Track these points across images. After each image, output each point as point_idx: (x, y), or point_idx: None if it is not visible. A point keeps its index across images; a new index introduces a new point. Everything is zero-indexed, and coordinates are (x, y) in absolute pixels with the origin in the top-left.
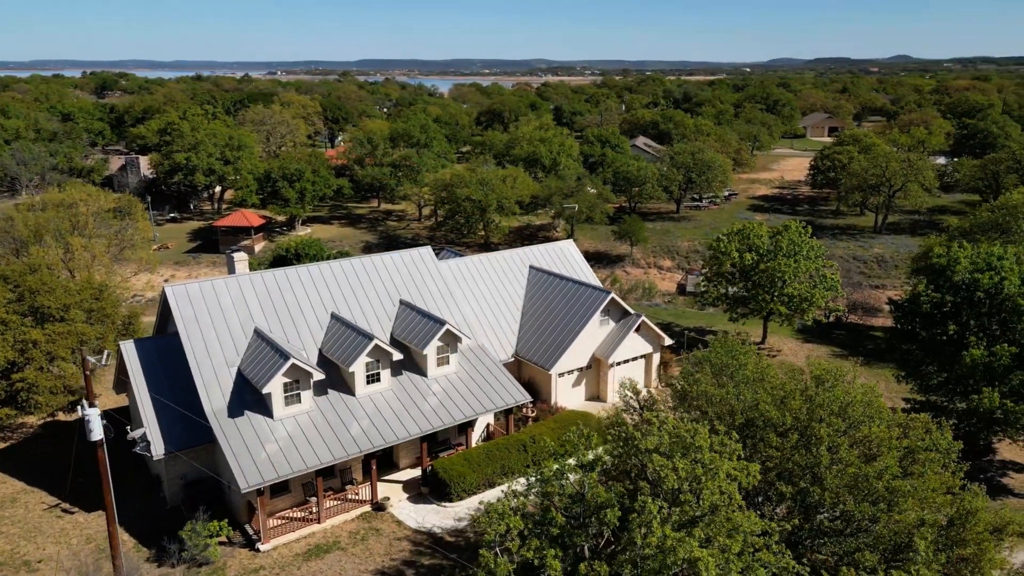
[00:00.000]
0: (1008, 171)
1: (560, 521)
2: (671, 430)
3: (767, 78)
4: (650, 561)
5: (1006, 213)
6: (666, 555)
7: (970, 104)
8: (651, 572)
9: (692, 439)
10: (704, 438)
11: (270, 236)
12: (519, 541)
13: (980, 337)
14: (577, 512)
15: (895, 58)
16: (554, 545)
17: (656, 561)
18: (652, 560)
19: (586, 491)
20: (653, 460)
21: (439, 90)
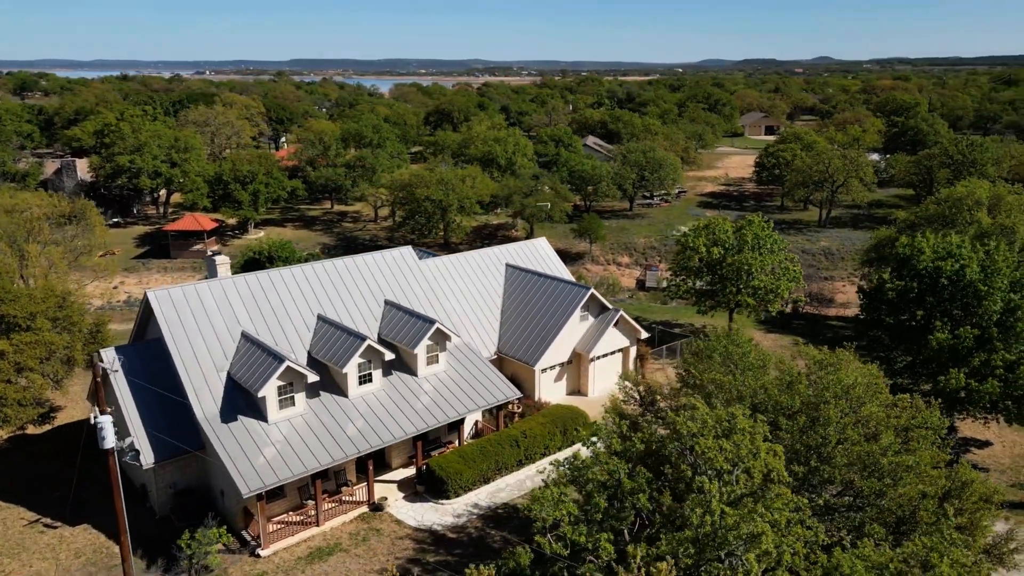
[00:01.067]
0: (940, 166)
1: (603, 506)
2: (711, 414)
3: (702, 79)
4: (713, 538)
5: (951, 205)
6: (727, 532)
7: (898, 103)
8: (713, 549)
9: (732, 422)
10: (745, 421)
11: (223, 240)
12: (572, 527)
13: (945, 322)
14: (607, 497)
15: (818, 59)
16: (602, 529)
17: (719, 537)
18: (715, 537)
19: (620, 477)
20: (700, 443)
21: (379, 90)
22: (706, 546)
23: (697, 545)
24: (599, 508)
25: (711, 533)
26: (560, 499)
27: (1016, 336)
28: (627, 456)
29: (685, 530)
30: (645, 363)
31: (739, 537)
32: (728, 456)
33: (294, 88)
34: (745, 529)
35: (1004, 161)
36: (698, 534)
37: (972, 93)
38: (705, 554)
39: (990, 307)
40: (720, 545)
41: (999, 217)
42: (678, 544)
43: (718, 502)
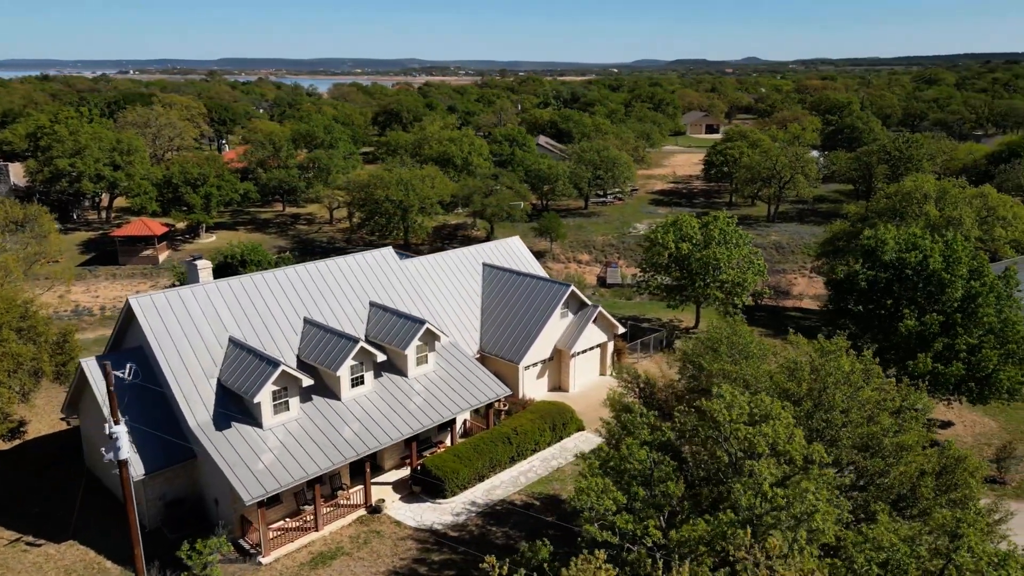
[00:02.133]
0: (879, 162)
1: (643, 495)
2: (748, 402)
3: (639, 79)
4: (766, 518)
5: (901, 199)
6: (779, 511)
7: (831, 102)
8: (765, 529)
9: (769, 408)
10: (778, 408)
11: (173, 245)
12: (621, 515)
13: (912, 309)
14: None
15: (746, 59)
16: (643, 517)
17: (771, 518)
18: (767, 517)
19: (653, 468)
20: (741, 429)
21: (318, 90)
22: (758, 527)
23: (749, 526)
24: (638, 497)
25: (762, 514)
26: (605, 489)
27: (976, 321)
28: (655, 445)
29: (726, 512)
30: (622, 357)
31: (792, 516)
32: (769, 441)
33: (229, 88)
34: (798, 508)
35: (937, 156)
36: (751, 515)
37: (897, 92)
38: (758, 535)
39: (952, 294)
40: (773, 525)
41: (946, 210)
42: (726, 527)
43: (768, 484)
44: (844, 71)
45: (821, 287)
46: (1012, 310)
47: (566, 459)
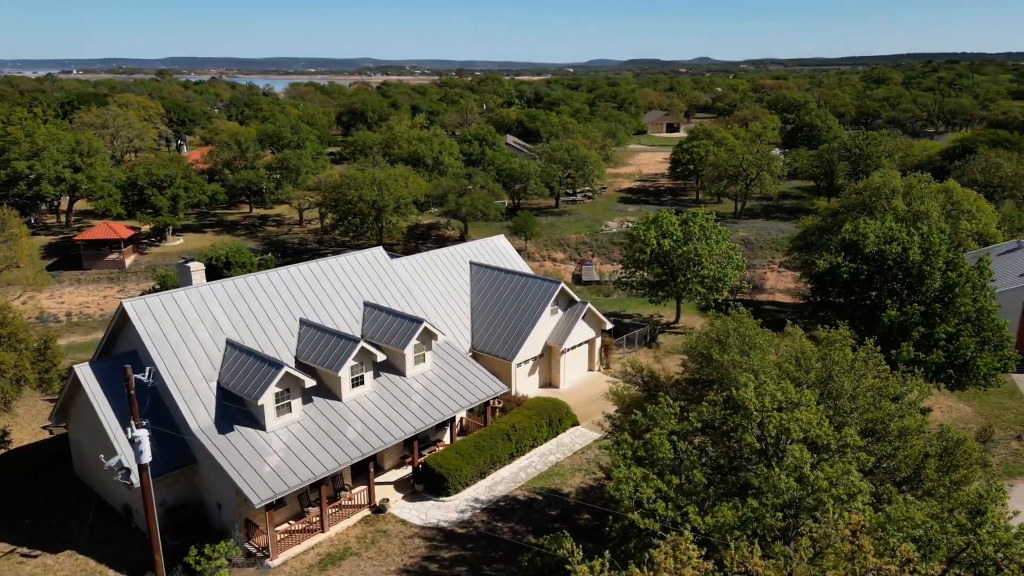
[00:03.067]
0: (840, 159)
1: (675, 483)
2: (777, 389)
3: (597, 79)
4: (807, 500)
5: (871, 194)
6: (822, 493)
7: (788, 101)
8: (808, 512)
9: (799, 396)
10: (808, 397)
11: (140, 249)
12: (662, 503)
13: (893, 300)
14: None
15: (698, 59)
16: (677, 505)
17: (813, 499)
18: (808, 500)
19: (683, 456)
20: (774, 416)
21: (274, 89)
22: (801, 509)
23: (791, 509)
24: (672, 485)
25: (804, 496)
26: (645, 478)
27: (954, 311)
28: (682, 435)
29: (761, 496)
30: (609, 353)
31: (835, 497)
32: (802, 426)
33: (182, 88)
34: (841, 490)
35: (895, 154)
36: (793, 498)
37: (848, 91)
38: (800, 517)
39: (931, 285)
40: (815, 507)
41: (913, 204)
42: (765, 511)
43: (809, 468)
44: (793, 71)
45: (791, 282)
46: (986, 299)
47: (564, 454)
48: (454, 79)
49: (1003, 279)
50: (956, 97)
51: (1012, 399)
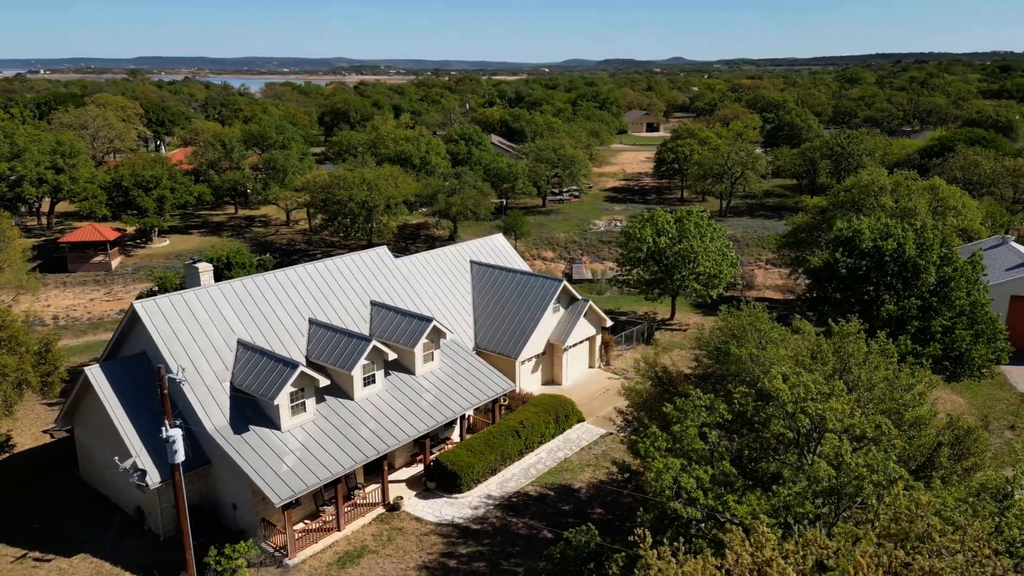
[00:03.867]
0: (822, 157)
1: (710, 473)
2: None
3: (575, 78)
4: (848, 487)
5: (860, 191)
6: (862, 480)
7: (767, 100)
8: (849, 498)
9: (831, 386)
10: (840, 387)
11: (126, 251)
12: (702, 492)
13: (891, 294)
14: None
15: (672, 59)
16: (718, 495)
17: (853, 486)
18: (849, 487)
19: (714, 448)
20: (810, 406)
21: (250, 89)
22: (842, 496)
23: (831, 496)
24: (707, 475)
25: (845, 483)
26: (686, 468)
27: (950, 304)
28: (713, 426)
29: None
30: (609, 350)
31: (875, 483)
32: (838, 416)
33: (156, 88)
34: (881, 476)
35: (876, 152)
36: (836, 484)
37: (823, 91)
38: (841, 503)
39: (927, 279)
40: (855, 493)
41: (901, 201)
42: (804, 498)
43: (850, 455)
44: (766, 70)
45: (778, 278)
46: (979, 293)
47: (571, 450)
48: (432, 79)
49: (990, 273)
50: (930, 96)
51: (1003, 390)
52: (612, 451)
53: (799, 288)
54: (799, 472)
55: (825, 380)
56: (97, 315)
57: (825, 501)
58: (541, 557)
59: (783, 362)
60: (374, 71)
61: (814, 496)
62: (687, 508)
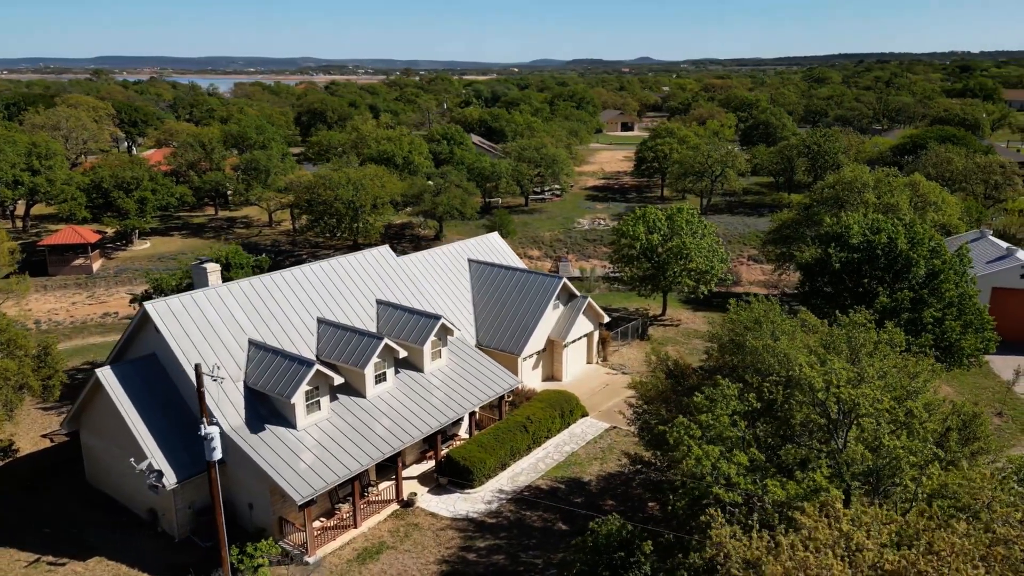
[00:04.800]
0: (799, 155)
1: (745, 460)
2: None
3: (545, 78)
4: (886, 469)
5: (843, 188)
6: (899, 461)
7: (740, 99)
8: (887, 478)
9: (860, 373)
10: (871, 373)
11: (106, 253)
12: (742, 477)
13: (884, 287)
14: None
15: (640, 59)
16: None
17: (892, 467)
18: (886, 468)
19: (744, 435)
20: (843, 391)
21: (219, 89)
22: (883, 477)
23: (870, 476)
24: (747, 460)
25: (884, 465)
26: (725, 455)
27: (940, 296)
28: (743, 414)
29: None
30: (606, 346)
31: (913, 464)
32: (869, 400)
33: (122, 88)
34: (919, 458)
35: (850, 150)
36: (875, 465)
37: (792, 90)
38: (881, 484)
39: (917, 272)
40: (891, 475)
41: (883, 197)
42: (842, 480)
43: (889, 438)
44: (732, 70)
45: (760, 274)
46: (967, 285)
47: (578, 444)
48: (404, 79)
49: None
50: (897, 95)
51: (988, 379)
52: (617, 444)
53: (784, 283)
54: (831, 456)
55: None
56: (80, 319)
57: (862, 483)
58: (569, 546)
59: (798, 352)
60: (342, 71)
61: (852, 477)
62: (729, 492)
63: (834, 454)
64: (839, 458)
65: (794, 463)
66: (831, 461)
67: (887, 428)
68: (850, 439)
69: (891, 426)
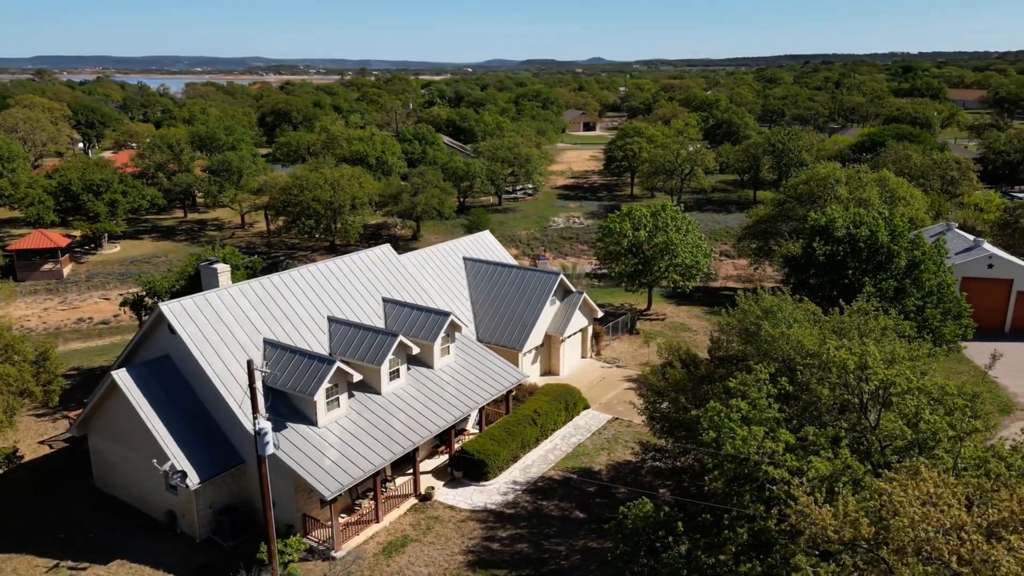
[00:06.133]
0: (764, 153)
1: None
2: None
3: (503, 78)
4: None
5: (817, 184)
6: (938, 434)
7: (701, 99)
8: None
9: (893, 354)
10: (903, 354)
11: (75, 258)
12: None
13: (870, 278)
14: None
15: (592, 60)
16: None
17: (933, 439)
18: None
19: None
20: (879, 372)
21: (169, 90)
22: (923, 449)
23: (911, 450)
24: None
25: (926, 438)
26: (770, 434)
27: (920, 285)
28: (777, 397)
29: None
30: (600, 340)
31: (952, 437)
32: (905, 379)
33: (68, 89)
34: (957, 431)
35: (812, 148)
36: (915, 439)
37: (746, 90)
38: (922, 455)
39: (899, 263)
40: (932, 448)
41: (855, 192)
42: (883, 455)
43: (929, 413)
44: (683, 70)
45: (731, 269)
46: (945, 274)
47: (583, 436)
48: (361, 79)
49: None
50: (849, 95)
51: (962, 364)
52: (622, 435)
53: (759, 277)
54: (862, 434)
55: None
56: (53, 325)
57: (901, 457)
58: (607, 529)
59: (808, 338)
60: (293, 71)
61: (892, 452)
62: (776, 470)
63: (865, 432)
64: (869, 436)
65: (824, 443)
66: (863, 439)
67: (926, 402)
68: (884, 416)
69: (928, 402)
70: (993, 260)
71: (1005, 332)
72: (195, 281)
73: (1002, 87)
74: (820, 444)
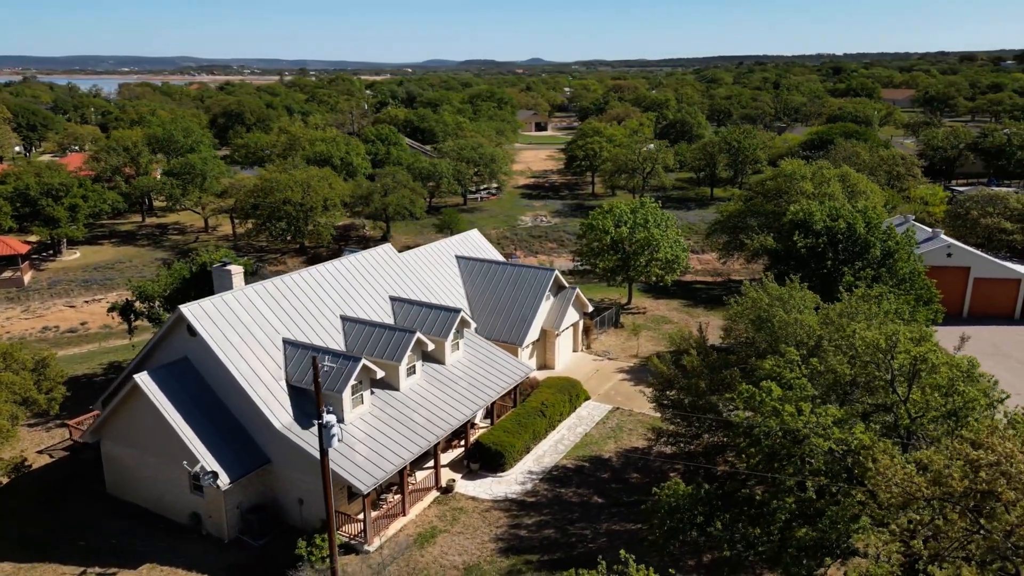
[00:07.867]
0: (720, 152)
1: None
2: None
3: (448, 78)
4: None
5: (784, 180)
6: (972, 403)
7: (651, 100)
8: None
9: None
10: (928, 333)
11: (35, 264)
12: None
13: (849, 267)
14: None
15: (531, 60)
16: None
17: (967, 409)
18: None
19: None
20: (912, 349)
21: (103, 91)
22: (959, 418)
23: (950, 418)
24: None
25: (961, 407)
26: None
27: (894, 273)
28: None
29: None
30: (589, 334)
31: (984, 405)
32: (935, 355)
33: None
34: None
35: (765, 146)
36: (952, 408)
37: (691, 91)
38: (959, 423)
39: (874, 253)
40: (967, 415)
41: (820, 187)
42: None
43: (963, 384)
44: (621, 71)
45: (697, 263)
46: (916, 262)
47: (588, 426)
48: (302, 79)
49: None
50: (789, 95)
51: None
52: (625, 424)
53: (728, 271)
54: (891, 408)
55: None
56: (17, 334)
57: (937, 426)
58: (643, 510)
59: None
60: (226, 71)
61: (929, 421)
62: (826, 441)
63: (894, 405)
64: (899, 409)
65: (855, 417)
66: (892, 411)
67: (960, 374)
68: (912, 391)
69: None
70: (951, 249)
71: (964, 317)
72: (189, 285)
73: (931, 87)
74: (852, 420)
